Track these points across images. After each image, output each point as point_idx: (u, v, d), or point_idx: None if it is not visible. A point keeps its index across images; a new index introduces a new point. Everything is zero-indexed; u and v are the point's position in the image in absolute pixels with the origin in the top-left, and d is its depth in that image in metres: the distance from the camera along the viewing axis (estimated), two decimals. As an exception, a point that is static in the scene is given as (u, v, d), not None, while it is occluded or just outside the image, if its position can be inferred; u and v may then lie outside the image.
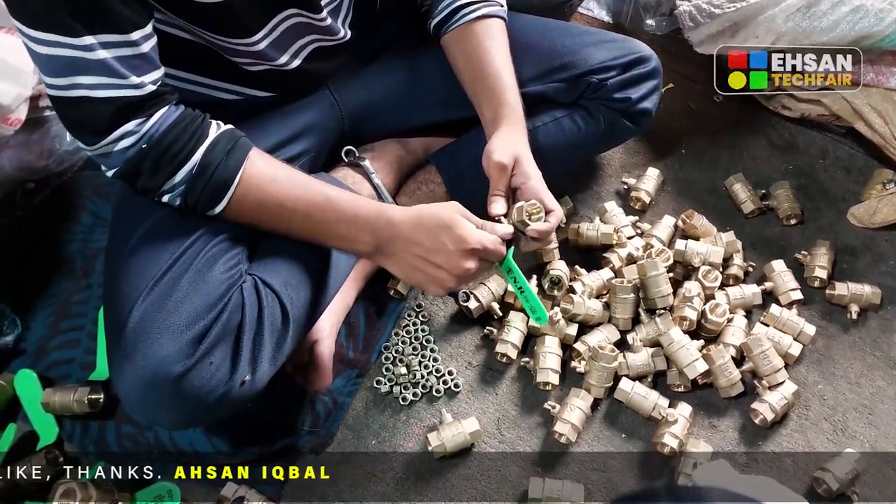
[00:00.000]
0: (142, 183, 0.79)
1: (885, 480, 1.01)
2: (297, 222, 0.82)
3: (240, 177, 0.79)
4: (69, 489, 0.88)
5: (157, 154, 0.76)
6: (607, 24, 1.62)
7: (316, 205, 0.81)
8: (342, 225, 0.81)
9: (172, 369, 0.77)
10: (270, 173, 0.81)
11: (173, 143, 0.76)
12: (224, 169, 0.78)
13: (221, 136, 0.79)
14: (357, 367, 1.08)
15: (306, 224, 0.82)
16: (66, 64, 0.69)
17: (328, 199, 0.82)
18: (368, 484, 1.00)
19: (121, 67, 0.70)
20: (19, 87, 1.12)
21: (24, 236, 1.25)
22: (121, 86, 0.71)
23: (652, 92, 1.11)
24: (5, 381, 1.05)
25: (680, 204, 1.30)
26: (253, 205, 0.81)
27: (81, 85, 0.70)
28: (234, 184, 0.79)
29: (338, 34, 0.94)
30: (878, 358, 1.13)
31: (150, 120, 0.75)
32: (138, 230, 0.85)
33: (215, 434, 1.01)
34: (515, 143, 0.92)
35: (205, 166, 0.77)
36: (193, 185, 0.78)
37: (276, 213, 0.81)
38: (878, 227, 1.26)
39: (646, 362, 1.06)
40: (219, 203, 0.80)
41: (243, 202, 0.80)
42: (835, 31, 1.21)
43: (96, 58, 0.69)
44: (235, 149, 0.79)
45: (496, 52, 0.97)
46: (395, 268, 0.84)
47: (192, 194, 0.79)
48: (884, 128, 1.28)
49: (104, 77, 0.70)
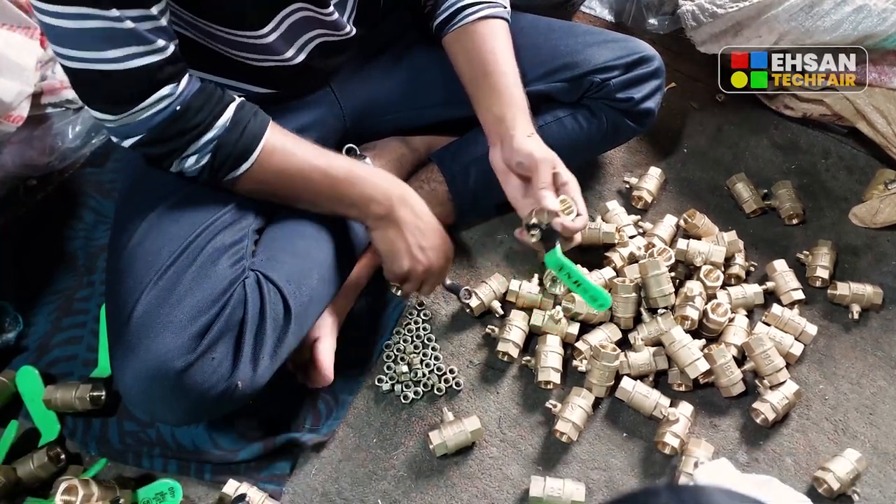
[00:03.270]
0: (167, 147, 0.79)
1: (886, 480, 1.01)
2: (312, 188, 0.86)
3: (265, 136, 0.82)
4: (71, 486, 0.88)
5: (190, 114, 0.78)
6: (609, 24, 1.62)
7: (322, 169, 0.85)
8: (344, 187, 0.86)
9: (175, 364, 0.77)
10: (292, 139, 0.85)
11: (204, 105, 0.79)
12: (253, 125, 0.81)
13: (244, 102, 0.83)
14: (358, 365, 1.08)
15: (324, 189, 0.86)
16: (98, 37, 0.70)
17: (331, 163, 0.86)
18: (370, 482, 1.00)
19: (149, 35, 0.72)
20: (21, 85, 1.12)
21: (27, 233, 1.25)
22: (151, 51, 0.73)
23: (655, 92, 1.11)
24: (7, 378, 1.05)
25: (682, 203, 1.30)
26: (276, 167, 0.83)
27: (113, 58, 0.71)
28: (262, 141, 0.81)
29: (343, 29, 0.94)
30: (879, 358, 1.13)
31: (182, 83, 0.78)
32: (141, 225, 0.85)
33: (217, 431, 1.02)
34: (544, 144, 0.93)
35: (236, 122, 0.80)
36: (225, 141, 0.80)
37: (296, 177, 0.85)
38: (880, 227, 1.26)
39: (647, 361, 1.06)
40: (246, 160, 0.81)
41: (268, 163, 0.83)
42: (837, 31, 1.21)
43: (127, 27, 0.70)
44: (259, 113, 0.83)
45: (501, 52, 0.97)
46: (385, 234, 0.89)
47: (222, 151, 0.80)
48: (886, 128, 1.28)
49: (135, 46, 0.72)
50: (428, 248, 0.90)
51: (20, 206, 1.27)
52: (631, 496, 0.49)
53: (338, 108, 1.07)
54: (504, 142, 0.93)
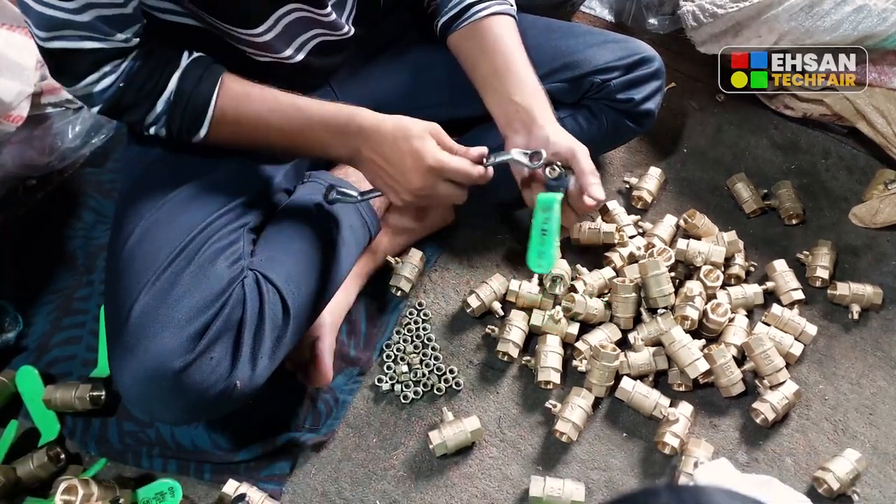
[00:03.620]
0: (127, 118, 0.83)
1: (886, 480, 1.01)
2: (273, 136, 0.85)
3: (215, 99, 0.81)
4: (71, 485, 0.88)
5: (134, 90, 0.79)
6: (609, 24, 1.62)
7: (288, 117, 0.84)
8: (316, 133, 0.84)
9: (173, 364, 0.77)
10: (243, 92, 0.83)
11: (148, 78, 0.80)
12: (198, 94, 0.81)
13: (192, 64, 0.82)
14: (358, 364, 1.08)
15: (283, 136, 0.85)
16: (57, 23, 0.73)
17: (299, 109, 0.84)
18: (369, 482, 1.00)
19: (106, 26, 0.75)
20: (21, 85, 1.12)
21: (26, 233, 1.25)
22: (105, 40, 0.76)
23: (655, 93, 1.11)
24: (7, 377, 1.05)
25: (682, 203, 1.30)
26: (232, 124, 0.83)
27: (67, 37, 0.74)
28: (211, 107, 0.82)
29: (342, 29, 0.94)
30: (879, 358, 1.13)
31: (126, 60, 0.79)
32: (140, 226, 0.85)
33: (217, 431, 1.02)
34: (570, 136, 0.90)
35: (180, 93, 0.80)
36: (173, 114, 0.81)
37: (254, 129, 0.84)
38: (880, 227, 1.26)
39: (647, 361, 1.06)
40: (200, 127, 0.83)
41: (222, 123, 0.83)
42: (837, 31, 1.21)
43: (84, 20, 0.73)
44: (207, 74, 0.82)
45: (517, 47, 0.95)
46: (363, 172, 0.88)
47: (173, 122, 0.82)
48: (886, 128, 1.28)
49: (90, 33, 0.75)
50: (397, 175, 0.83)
51: (20, 206, 1.27)
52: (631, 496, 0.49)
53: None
54: (532, 131, 0.89)
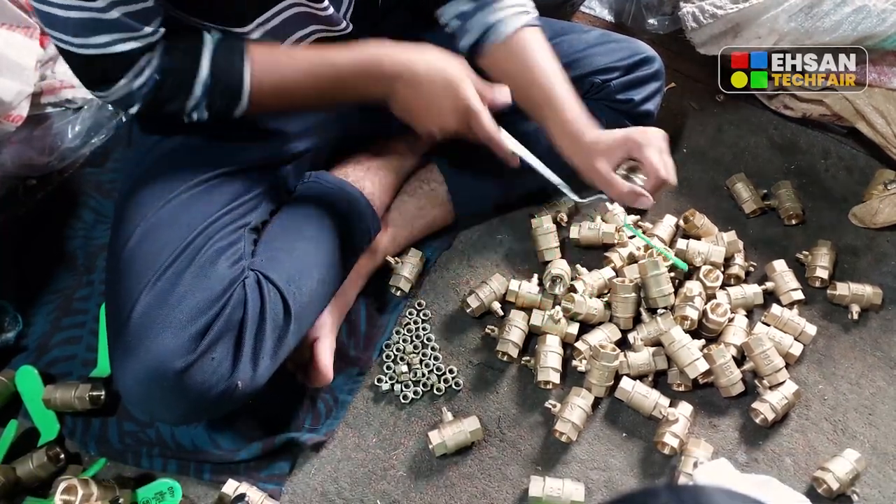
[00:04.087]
0: (168, 108, 0.83)
1: (886, 480, 1.01)
2: (311, 94, 0.86)
3: (248, 73, 0.82)
4: (71, 485, 0.88)
5: (170, 81, 0.80)
6: (609, 24, 1.62)
7: (319, 74, 0.85)
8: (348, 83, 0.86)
9: (174, 365, 0.77)
10: (272, 59, 0.84)
11: (180, 66, 0.80)
12: (231, 71, 0.82)
13: (218, 44, 0.82)
14: (358, 364, 1.08)
15: (319, 92, 0.86)
16: (87, 25, 0.73)
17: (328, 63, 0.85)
18: (369, 482, 1.00)
19: (133, 22, 0.75)
20: (21, 84, 1.12)
21: (26, 233, 1.25)
22: (134, 38, 0.76)
23: (655, 94, 1.11)
24: (7, 377, 1.05)
25: (681, 203, 1.30)
26: (269, 93, 0.85)
27: (100, 44, 0.75)
28: (246, 82, 0.82)
29: (339, 25, 0.93)
30: (878, 358, 1.13)
31: (157, 54, 0.79)
32: (140, 226, 0.85)
33: (216, 431, 1.02)
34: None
35: (214, 76, 0.81)
36: (212, 97, 0.82)
37: (291, 92, 0.86)
38: (880, 227, 1.26)
39: (647, 361, 1.06)
40: (239, 102, 0.84)
41: (260, 93, 0.84)
42: (837, 32, 1.21)
43: (111, 17, 0.73)
44: (234, 48, 0.82)
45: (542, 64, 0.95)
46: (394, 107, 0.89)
47: (213, 103, 0.83)
48: (886, 128, 1.28)
49: (119, 33, 0.75)
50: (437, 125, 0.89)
51: (20, 206, 1.27)
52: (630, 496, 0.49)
53: (338, 109, 1.07)
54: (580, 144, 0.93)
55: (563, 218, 1.23)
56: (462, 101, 0.85)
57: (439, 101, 0.85)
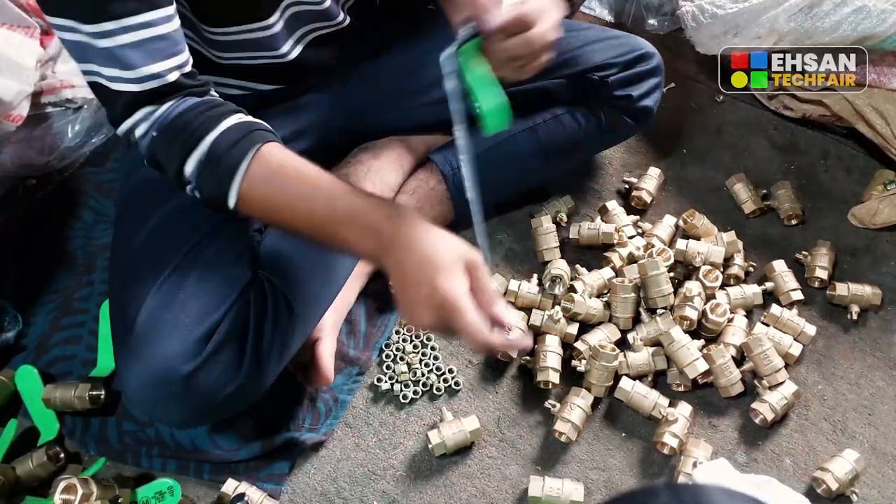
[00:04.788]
0: (165, 173, 0.75)
1: (885, 480, 1.01)
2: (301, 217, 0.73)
3: (244, 169, 0.71)
4: (70, 485, 0.88)
5: (167, 141, 0.72)
6: (609, 24, 1.61)
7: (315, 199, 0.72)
8: (342, 224, 0.71)
9: (181, 369, 0.77)
10: (277, 167, 0.72)
11: (183, 130, 0.71)
12: (229, 159, 0.71)
13: (235, 126, 0.72)
14: (358, 364, 1.08)
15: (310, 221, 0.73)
16: (82, 51, 0.68)
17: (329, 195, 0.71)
18: (368, 482, 1.00)
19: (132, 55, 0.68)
20: (21, 84, 1.12)
21: (26, 233, 1.25)
22: (132, 80, 0.69)
23: (654, 90, 1.11)
24: (6, 377, 1.05)
25: (681, 203, 1.30)
26: (259, 200, 0.73)
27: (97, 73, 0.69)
28: (239, 176, 0.71)
29: (336, 18, 0.92)
30: (878, 358, 1.13)
31: (162, 107, 0.71)
32: (144, 228, 0.85)
33: (216, 431, 1.02)
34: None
35: (211, 155, 0.71)
36: (202, 176, 0.72)
37: (280, 211, 0.73)
38: (879, 227, 1.26)
39: (646, 361, 1.06)
40: (227, 196, 0.72)
41: (251, 196, 0.72)
42: (837, 32, 1.21)
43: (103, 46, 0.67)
44: (245, 139, 0.72)
45: None
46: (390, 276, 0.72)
47: (203, 185, 0.73)
48: (885, 128, 1.28)
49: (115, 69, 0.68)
50: (410, 302, 0.67)
51: (19, 206, 1.27)
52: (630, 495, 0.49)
53: (337, 109, 1.07)
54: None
55: (562, 218, 1.23)
56: (438, 291, 0.64)
57: (417, 283, 0.65)
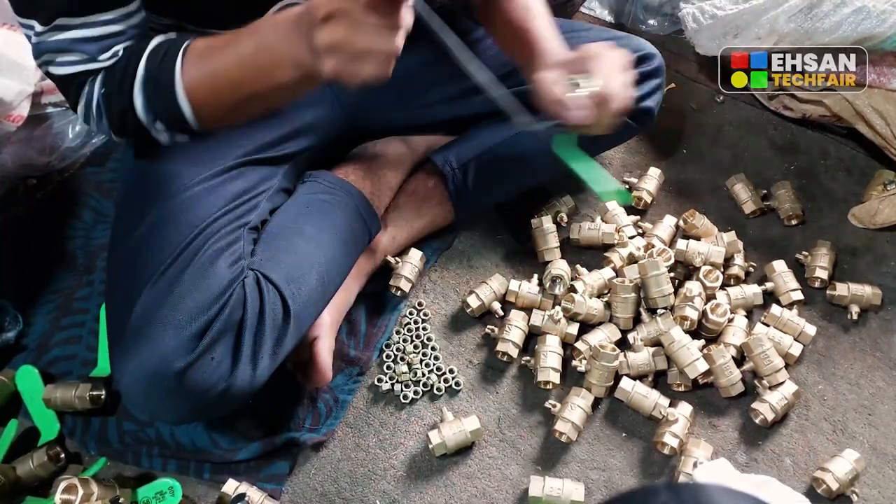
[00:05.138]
0: (135, 133, 0.79)
1: (885, 481, 1.01)
2: (246, 78, 0.73)
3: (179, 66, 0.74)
4: (71, 485, 0.88)
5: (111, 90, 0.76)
6: (609, 24, 1.62)
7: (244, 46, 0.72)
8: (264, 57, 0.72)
9: (174, 364, 0.77)
10: (204, 49, 0.75)
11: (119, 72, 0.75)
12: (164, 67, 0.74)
13: (158, 45, 0.76)
14: (358, 364, 1.08)
15: (253, 74, 0.73)
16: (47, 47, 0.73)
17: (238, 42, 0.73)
18: (369, 482, 1.00)
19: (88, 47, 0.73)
20: (22, 84, 1.12)
21: (26, 233, 1.25)
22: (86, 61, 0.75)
23: (655, 91, 1.11)
24: (7, 377, 1.05)
25: (681, 204, 1.30)
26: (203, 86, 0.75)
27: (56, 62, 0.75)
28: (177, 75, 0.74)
29: None
30: (878, 358, 1.13)
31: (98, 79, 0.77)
32: (139, 227, 0.85)
33: (216, 431, 1.02)
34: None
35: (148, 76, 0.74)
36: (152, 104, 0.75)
37: (227, 78, 0.74)
38: (879, 227, 1.26)
39: (646, 361, 1.06)
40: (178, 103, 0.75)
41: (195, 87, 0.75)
42: (837, 33, 1.21)
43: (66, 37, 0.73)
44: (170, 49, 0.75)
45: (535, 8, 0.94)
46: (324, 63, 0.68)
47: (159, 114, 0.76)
48: (885, 129, 1.28)
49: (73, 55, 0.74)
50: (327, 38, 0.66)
51: (20, 206, 1.27)
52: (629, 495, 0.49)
53: (337, 109, 1.07)
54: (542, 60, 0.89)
55: (563, 218, 1.23)
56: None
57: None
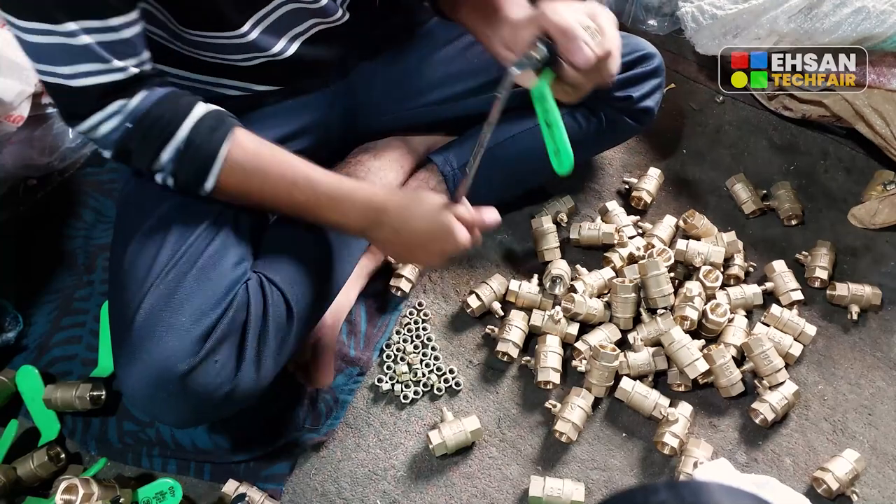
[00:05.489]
0: (134, 163, 0.78)
1: (885, 480, 1.01)
2: (283, 201, 0.82)
3: (224, 154, 0.77)
4: (71, 485, 0.88)
5: (142, 132, 0.75)
6: (609, 25, 1.62)
7: (298, 187, 0.80)
8: (325, 210, 0.82)
9: (178, 367, 0.77)
10: (254, 150, 0.79)
11: (158, 121, 0.75)
12: (208, 145, 0.77)
13: (208, 115, 0.78)
14: (358, 364, 1.09)
15: (292, 204, 0.82)
16: (54, 51, 0.70)
17: (310, 181, 0.81)
18: (369, 482, 1.00)
19: (104, 52, 0.71)
20: (22, 84, 1.12)
21: (27, 232, 1.25)
22: (105, 71, 0.72)
23: (654, 90, 1.11)
24: (7, 377, 1.05)
25: (681, 204, 1.30)
26: (239, 182, 0.79)
27: (79, 74, 0.71)
28: (219, 162, 0.77)
29: (334, 14, 0.92)
30: (878, 358, 1.13)
31: (134, 99, 0.74)
32: (142, 227, 0.85)
33: (217, 431, 1.02)
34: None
35: (189, 143, 0.76)
36: (181, 163, 0.77)
37: (261, 191, 0.80)
38: (879, 227, 1.26)
39: (646, 362, 1.06)
40: (206, 181, 0.78)
41: (229, 181, 0.79)
42: (836, 33, 1.21)
43: (80, 43, 0.69)
44: (220, 126, 0.78)
45: None
46: (382, 247, 0.90)
47: (180, 172, 0.78)
48: (885, 129, 1.28)
49: (89, 63, 0.71)
50: (420, 256, 0.90)
51: (20, 206, 1.27)
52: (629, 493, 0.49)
53: (337, 109, 1.07)
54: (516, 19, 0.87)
55: (563, 218, 1.24)
56: (452, 246, 0.84)
57: (430, 244, 0.85)
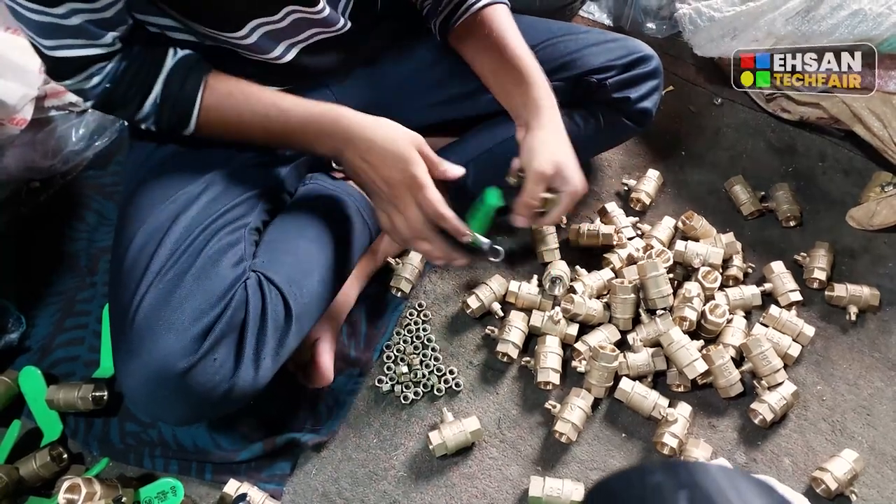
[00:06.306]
0: (117, 114, 0.86)
1: (884, 480, 1.02)
2: (257, 133, 0.87)
3: (199, 100, 0.84)
4: (74, 484, 0.88)
5: (121, 91, 0.82)
6: (608, 28, 1.63)
7: (269, 117, 0.86)
8: (296, 134, 0.87)
9: (177, 365, 0.78)
10: (226, 91, 0.85)
11: (134, 80, 0.82)
12: (183, 95, 0.83)
13: (177, 65, 0.83)
14: (358, 365, 1.09)
15: (266, 134, 0.87)
16: (49, 28, 0.75)
17: (280, 110, 0.86)
18: (370, 482, 1.00)
19: (94, 28, 0.77)
20: (25, 88, 1.13)
21: (29, 235, 1.26)
22: (94, 45, 0.78)
23: (652, 92, 1.11)
24: (10, 378, 1.05)
25: (680, 205, 1.31)
26: (217, 122, 0.86)
27: (63, 46, 0.77)
28: (196, 107, 0.84)
29: (336, 23, 0.93)
30: (876, 359, 1.13)
31: (111, 62, 0.80)
32: (142, 228, 0.86)
33: (218, 431, 1.02)
34: (556, 147, 0.93)
35: (166, 96, 0.83)
36: (161, 114, 0.84)
37: (238, 127, 0.87)
38: (877, 229, 1.27)
39: (646, 362, 1.06)
40: (187, 125, 0.86)
41: (208, 121, 0.86)
42: (834, 35, 1.22)
43: (71, 24, 0.75)
44: (192, 74, 0.84)
45: (512, 37, 0.97)
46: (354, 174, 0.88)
47: (161, 120, 0.85)
48: (882, 131, 1.29)
49: (79, 39, 0.77)
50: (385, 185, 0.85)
51: (23, 208, 1.28)
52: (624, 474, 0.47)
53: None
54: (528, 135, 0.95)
55: (562, 219, 1.24)
56: (410, 173, 0.83)
57: (388, 170, 0.84)
